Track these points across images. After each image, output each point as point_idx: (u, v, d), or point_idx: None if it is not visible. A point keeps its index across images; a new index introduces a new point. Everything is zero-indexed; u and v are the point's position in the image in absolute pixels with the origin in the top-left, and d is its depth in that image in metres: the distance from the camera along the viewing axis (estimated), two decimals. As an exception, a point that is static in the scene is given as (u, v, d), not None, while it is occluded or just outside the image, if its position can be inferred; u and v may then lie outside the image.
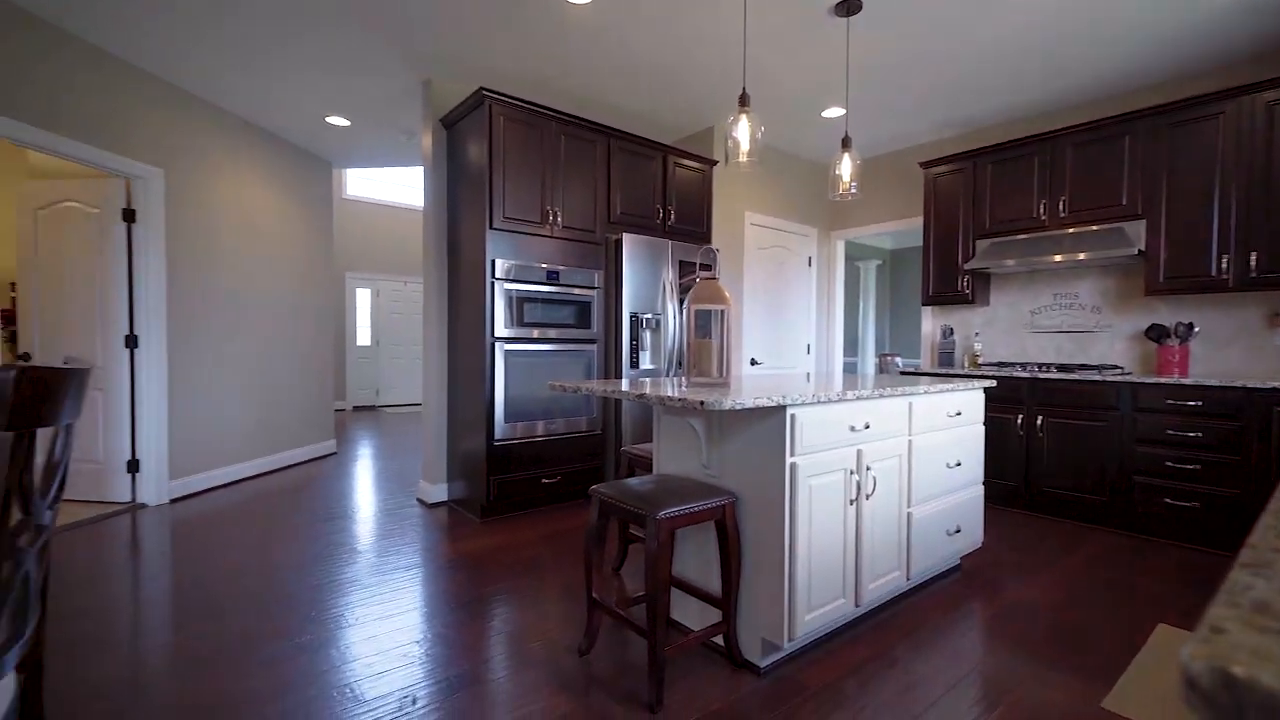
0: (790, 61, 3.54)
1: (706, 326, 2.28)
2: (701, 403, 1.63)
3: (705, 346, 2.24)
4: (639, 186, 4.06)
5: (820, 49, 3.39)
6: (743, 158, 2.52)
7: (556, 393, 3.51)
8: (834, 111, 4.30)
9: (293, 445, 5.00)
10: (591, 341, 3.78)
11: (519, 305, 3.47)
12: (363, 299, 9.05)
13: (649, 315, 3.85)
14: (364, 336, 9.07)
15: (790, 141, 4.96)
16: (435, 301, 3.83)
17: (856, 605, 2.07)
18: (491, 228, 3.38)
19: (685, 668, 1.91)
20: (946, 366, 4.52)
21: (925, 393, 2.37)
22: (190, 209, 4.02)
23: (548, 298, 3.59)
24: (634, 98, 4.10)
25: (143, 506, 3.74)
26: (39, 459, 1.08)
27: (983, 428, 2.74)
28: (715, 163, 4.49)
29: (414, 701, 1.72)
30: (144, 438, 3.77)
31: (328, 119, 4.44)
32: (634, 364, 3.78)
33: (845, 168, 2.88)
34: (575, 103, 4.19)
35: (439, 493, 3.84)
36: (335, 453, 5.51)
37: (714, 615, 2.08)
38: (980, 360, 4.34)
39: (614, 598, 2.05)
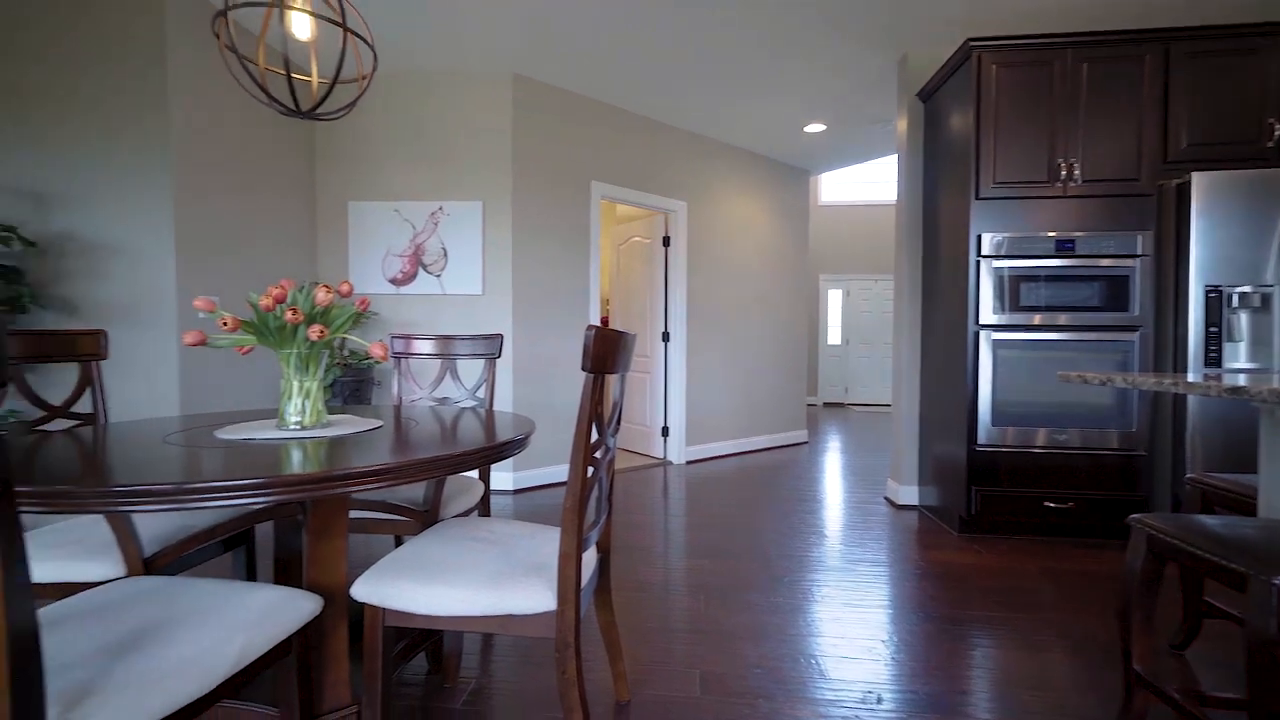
0: None
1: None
2: (1400, 401, 0.92)
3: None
4: (1226, 99, 2.77)
5: None
6: None
7: (1074, 386, 2.77)
8: None
9: (769, 431, 5.62)
10: (1130, 328, 2.80)
11: (1013, 286, 2.88)
12: (834, 299, 9.44)
13: (1243, 289, 2.57)
14: (834, 336, 9.45)
15: None
16: (907, 292, 3.59)
17: None
18: (977, 198, 2.92)
19: None
20: None
21: None
22: (702, 230, 5.01)
23: (1056, 274, 2.85)
24: (1215, -26, 2.83)
25: (669, 463, 4.87)
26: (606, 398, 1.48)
27: None
28: None
29: (879, 700, 1.60)
30: (672, 411, 4.91)
31: (806, 128, 4.77)
32: (1212, 359, 2.60)
33: None
34: (1097, 19, 3.20)
35: (909, 495, 3.58)
36: (806, 442, 5.90)
37: None
38: None
39: (1174, 684, 1.40)
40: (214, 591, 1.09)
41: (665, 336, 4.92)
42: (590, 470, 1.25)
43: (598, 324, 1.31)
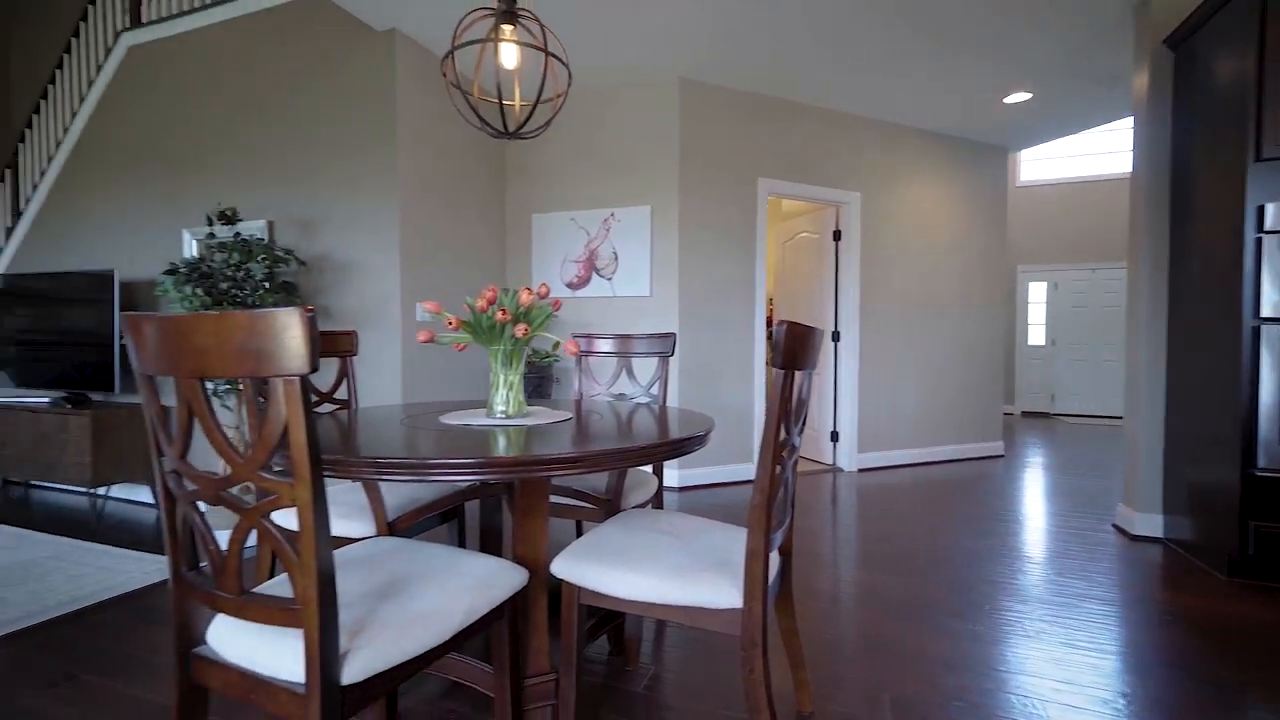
0: None
1: None
2: None
3: None
4: None
5: None
6: None
7: None
8: None
9: (956, 441, 5.03)
10: None
11: (1314, 266, 2.24)
12: (1036, 294, 8.19)
13: None
14: (1037, 335, 8.20)
15: None
16: (1147, 282, 2.98)
17: None
18: (1258, 160, 2.32)
19: None
20: None
21: None
22: (877, 221, 4.65)
23: (1388, 248, 2.16)
24: None
25: (839, 470, 4.60)
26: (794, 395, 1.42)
27: None
28: None
29: (1123, 767, 1.34)
30: (842, 415, 4.63)
31: (1005, 99, 4.19)
32: None
33: None
34: None
35: (1149, 525, 2.96)
36: (1002, 455, 5.19)
37: None
38: None
39: None
40: (444, 556, 1.25)
41: (835, 336, 4.66)
42: (778, 469, 1.22)
43: (764, 323, 1.28)
